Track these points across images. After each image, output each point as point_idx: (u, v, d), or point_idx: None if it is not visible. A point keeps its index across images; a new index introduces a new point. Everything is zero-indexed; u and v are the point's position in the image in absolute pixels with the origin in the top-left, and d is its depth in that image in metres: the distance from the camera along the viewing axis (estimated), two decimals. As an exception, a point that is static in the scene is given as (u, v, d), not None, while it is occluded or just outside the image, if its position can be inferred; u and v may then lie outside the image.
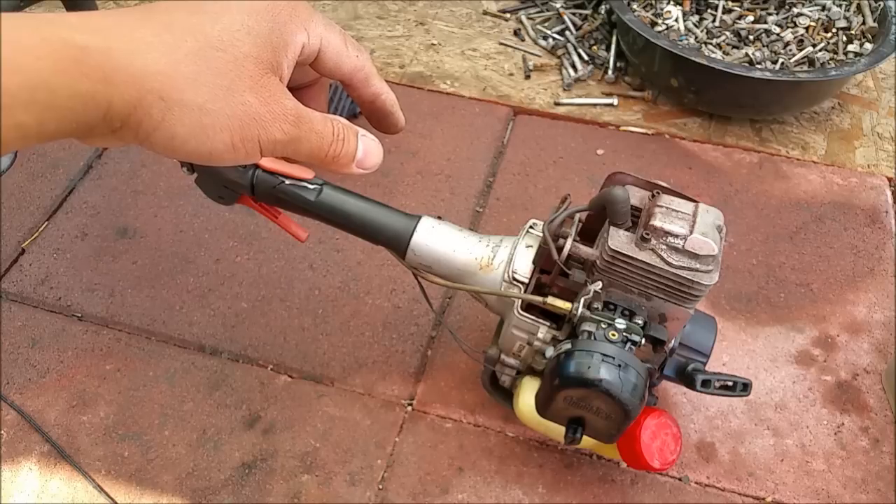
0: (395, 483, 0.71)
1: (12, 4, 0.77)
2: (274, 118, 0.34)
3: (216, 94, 0.32)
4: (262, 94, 0.33)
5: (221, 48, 0.32)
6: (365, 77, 0.40)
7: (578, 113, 1.06)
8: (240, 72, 0.33)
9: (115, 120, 0.31)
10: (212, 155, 0.33)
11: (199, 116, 0.32)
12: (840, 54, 1.03)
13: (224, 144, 0.33)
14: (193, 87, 0.32)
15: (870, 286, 0.86)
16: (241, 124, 0.33)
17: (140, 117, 0.31)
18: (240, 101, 0.33)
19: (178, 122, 0.32)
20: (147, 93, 0.30)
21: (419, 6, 1.23)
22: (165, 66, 0.31)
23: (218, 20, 0.33)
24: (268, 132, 0.34)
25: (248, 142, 0.34)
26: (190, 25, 0.32)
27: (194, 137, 0.32)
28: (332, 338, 0.81)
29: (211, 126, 0.32)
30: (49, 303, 0.84)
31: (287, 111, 0.34)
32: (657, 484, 0.71)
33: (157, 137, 0.32)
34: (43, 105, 0.28)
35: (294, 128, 0.35)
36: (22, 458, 0.72)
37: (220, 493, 0.70)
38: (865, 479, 0.72)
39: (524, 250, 0.62)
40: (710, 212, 0.56)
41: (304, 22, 0.36)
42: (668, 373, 0.65)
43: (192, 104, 0.32)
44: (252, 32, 0.33)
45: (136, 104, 0.30)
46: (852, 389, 0.78)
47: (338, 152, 0.37)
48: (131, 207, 0.93)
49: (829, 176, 0.98)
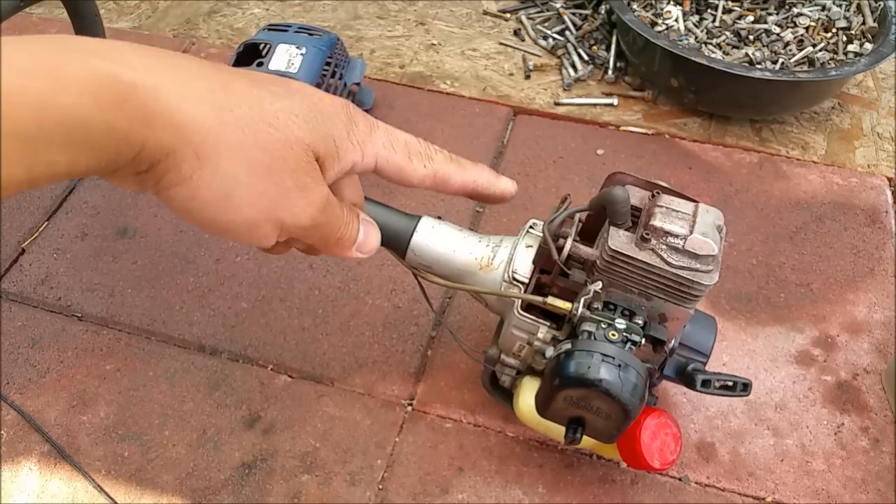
0: (395, 483, 0.71)
1: (12, 4, 0.77)
2: (308, 204, 0.33)
3: (254, 169, 0.31)
4: (301, 178, 0.32)
5: (275, 125, 0.31)
6: (443, 180, 0.38)
7: (578, 113, 1.06)
8: (286, 153, 0.31)
9: (144, 163, 0.29)
10: (227, 228, 0.32)
11: (229, 186, 0.30)
12: (840, 54, 1.03)
13: (245, 220, 0.32)
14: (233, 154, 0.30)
15: (870, 286, 0.86)
16: (269, 203, 0.31)
17: (168, 167, 0.29)
18: (275, 182, 0.31)
19: (204, 185, 0.30)
20: (185, 144, 0.29)
21: (419, 6, 1.24)
22: (212, 124, 0.29)
23: (279, 100, 0.32)
24: (295, 217, 0.33)
25: (270, 223, 0.32)
26: (250, 95, 0.31)
27: (215, 205, 0.31)
28: (332, 338, 0.81)
29: (238, 198, 0.31)
30: (49, 303, 0.84)
31: (321, 198, 0.33)
32: (657, 484, 0.71)
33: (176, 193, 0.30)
34: (77, 143, 0.27)
35: (322, 214, 0.34)
36: (22, 458, 0.72)
37: (220, 493, 0.70)
38: (865, 479, 0.72)
39: (524, 250, 0.62)
40: (710, 212, 0.56)
41: (361, 142, 0.34)
42: (668, 373, 0.65)
43: (226, 171, 0.30)
44: (310, 122, 0.32)
45: (170, 153, 0.29)
46: (852, 389, 0.78)
47: (343, 236, 0.36)
48: (131, 207, 0.93)
49: (829, 176, 0.98)
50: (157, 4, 1.25)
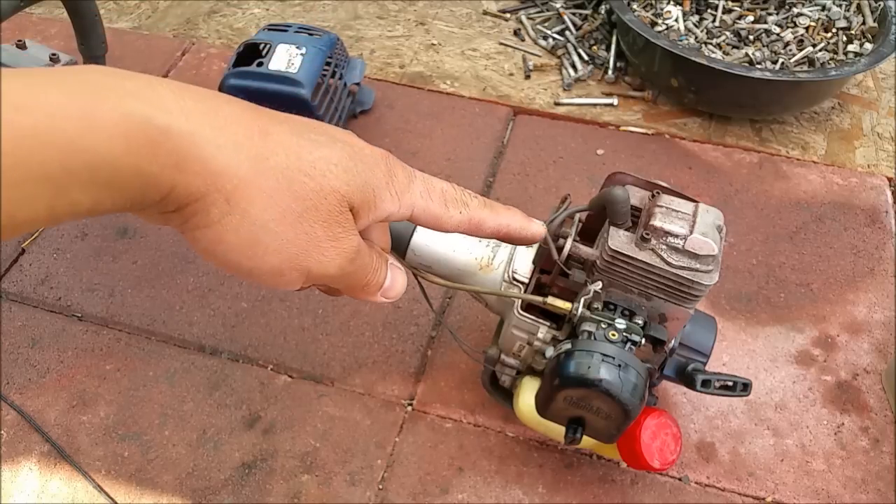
0: (395, 483, 0.71)
1: (12, 4, 0.77)
2: (337, 253, 0.33)
3: (285, 217, 0.30)
4: (333, 228, 0.32)
5: (310, 175, 0.31)
6: (477, 225, 0.38)
7: (578, 113, 1.06)
8: (319, 202, 0.31)
9: (171, 205, 0.29)
10: (252, 273, 0.32)
11: (257, 232, 0.30)
12: (840, 54, 1.03)
13: (270, 267, 0.31)
14: (266, 202, 0.30)
15: (870, 286, 0.86)
16: (297, 252, 0.31)
17: (196, 210, 0.29)
18: (305, 231, 0.31)
19: (232, 230, 0.30)
20: (216, 190, 0.29)
21: (419, 6, 1.24)
22: (246, 172, 0.29)
23: (317, 149, 0.31)
24: (323, 266, 0.33)
25: (296, 271, 0.32)
26: (288, 143, 0.31)
27: (241, 251, 0.31)
28: (332, 338, 0.81)
29: (265, 245, 0.31)
30: (49, 303, 0.84)
31: (351, 248, 0.33)
32: (657, 484, 0.71)
33: (203, 235, 0.30)
34: (102, 185, 0.26)
35: (350, 265, 0.34)
36: (22, 458, 0.72)
37: (220, 493, 0.70)
38: (865, 479, 0.72)
39: (524, 250, 0.62)
40: (710, 212, 0.56)
41: (400, 193, 0.35)
42: (668, 373, 0.65)
43: (255, 218, 0.30)
44: (347, 172, 0.32)
45: (200, 197, 0.29)
46: (852, 389, 0.78)
47: (370, 282, 0.37)
48: (131, 207, 0.93)
49: (829, 176, 0.98)
50: (157, 4, 1.25)
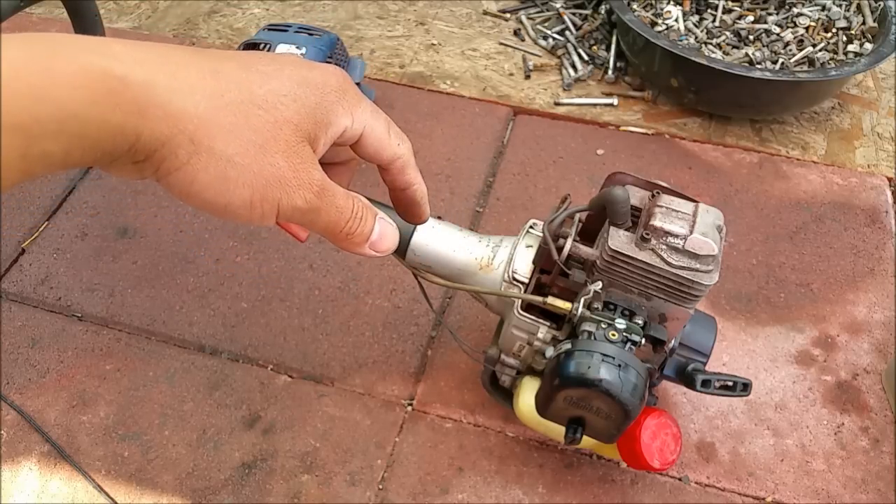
0: (395, 483, 0.71)
1: (13, 5, 0.77)
2: (299, 185, 0.34)
3: (247, 150, 0.32)
4: (292, 159, 0.33)
5: (264, 108, 0.32)
6: (402, 166, 0.40)
7: (578, 113, 1.06)
8: (276, 134, 0.33)
9: (140, 153, 0.30)
10: (227, 209, 0.33)
11: (224, 167, 0.32)
12: (840, 54, 1.03)
13: (242, 200, 0.33)
14: (227, 137, 0.31)
15: (870, 286, 0.86)
16: (265, 184, 0.33)
17: (165, 155, 0.31)
18: (269, 162, 0.33)
19: (201, 169, 0.31)
20: (179, 132, 0.30)
21: (419, 6, 1.24)
22: (204, 111, 0.31)
23: (267, 81, 0.33)
24: (290, 197, 0.34)
25: (267, 203, 0.33)
26: (238, 79, 0.32)
27: (214, 187, 0.32)
28: (332, 338, 0.81)
29: (234, 179, 0.32)
30: (49, 303, 0.84)
31: (313, 180, 0.34)
32: (657, 484, 0.71)
33: (176, 178, 0.32)
34: (71, 135, 0.28)
35: (316, 198, 0.35)
36: (22, 458, 0.72)
37: (220, 492, 0.70)
38: (865, 479, 0.72)
39: (524, 250, 0.62)
40: (710, 212, 0.56)
41: (352, 107, 0.36)
42: (668, 373, 0.65)
43: (220, 154, 0.31)
44: (298, 101, 0.33)
45: (165, 141, 0.30)
46: (852, 389, 0.78)
47: (353, 230, 0.37)
48: (131, 207, 0.93)
49: (829, 176, 0.98)
50: (157, 4, 1.25)
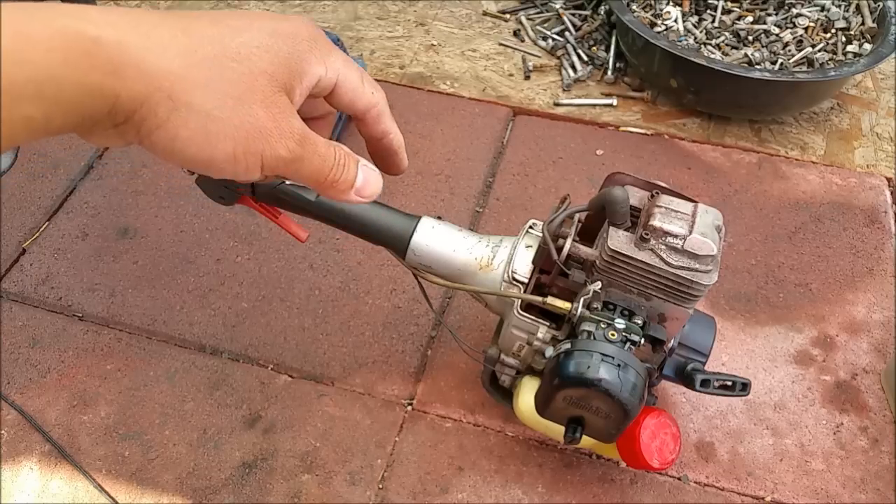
0: (395, 482, 0.71)
1: (13, 5, 0.77)
2: (280, 135, 0.34)
3: (225, 103, 0.32)
4: (271, 109, 0.33)
5: (238, 60, 0.32)
6: (377, 115, 0.40)
7: (578, 113, 1.06)
8: (252, 85, 0.33)
9: (120, 115, 0.30)
10: (211, 163, 0.33)
11: (204, 122, 0.32)
12: (839, 55, 1.03)
13: (225, 154, 0.33)
14: (204, 92, 0.31)
15: (869, 286, 0.86)
16: (246, 136, 0.33)
17: (145, 114, 0.31)
18: (248, 113, 0.33)
19: (182, 125, 0.31)
20: (156, 90, 0.30)
21: (419, 7, 1.24)
22: (179, 67, 0.31)
23: (239, 34, 0.33)
24: (272, 148, 0.34)
25: (251, 155, 0.34)
26: (210, 34, 0.32)
27: (196, 143, 0.32)
28: (332, 338, 0.81)
29: (215, 133, 0.32)
30: (50, 303, 0.84)
31: (294, 130, 0.34)
32: (656, 483, 0.71)
33: (158, 137, 0.32)
34: (50, 98, 0.28)
35: (298, 147, 0.35)
36: (22, 458, 0.73)
37: (221, 492, 0.70)
38: (864, 479, 0.72)
39: (524, 250, 0.62)
40: (710, 212, 0.56)
41: (324, 56, 0.36)
42: (668, 372, 0.65)
43: (199, 109, 0.31)
44: (271, 51, 0.34)
45: (144, 100, 0.30)
46: (851, 389, 0.78)
47: (337, 177, 0.37)
48: (132, 207, 0.93)
49: (828, 176, 0.98)
50: (158, 5, 1.25)
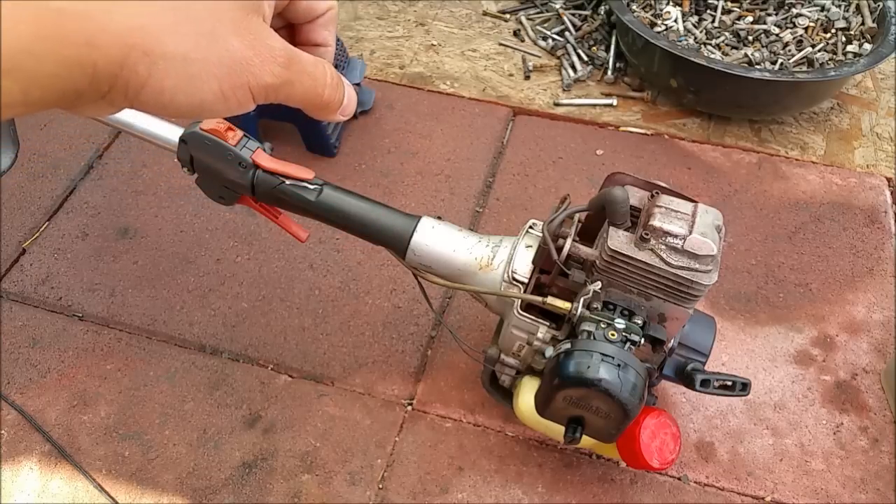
0: (395, 482, 0.71)
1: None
2: (263, 61, 0.33)
3: (199, 43, 0.31)
4: (246, 37, 0.32)
5: None
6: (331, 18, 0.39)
7: (578, 113, 1.06)
8: (220, 16, 0.32)
9: (103, 83, 0.30)
10: (203, 106, 0.32)
11: (184, 67, 0.31)
12: (839, 55, 1.03)
13: (213, 94, 0.32)
14: (174, 37, 0.31)
15: (869, 286, 0.86)
16: (228, 71, 0.32)
17: (127, 77, 0.30)
18: (224, 47, 0.32)
19: (164, 76, 0.31)
20: (130, 49, 0.30)
21: (419, 7, 1.24)
22: (144, 20, 0.30)
23: None
24: (257, 77, 0.33)
25: (239, 89, 0.33)
26: None
27: (182, 90, 0.31)
28: (332, 338, 0.81)
29: (198, 76, 0.31)
30: (50, 303, 0.84)
31: (276, 53, 0.33)
32: (656, 483, 0.71)
33: (146, 95, 0.31)
34: (28, 73, 0.28)
35: (285, 70, 0.34)
36: (22, 458, 0.73)
37: (221, 492, 0.70)
38: (864, 479, 0.72)
39: (524, 250, 0.62)
40: (710, 212, 0.56)
41: None
42: (668, 372, 0.65)
43: (175, 55, 0.31)
44: None
45: (122, 63, 0.30)
46: (851, 389, 0.78)
47: (333, 98, 0.36)
48: (132, 207, 0.93)
49: (828, 176, 0.98)
50: (158, 5, 1.25)
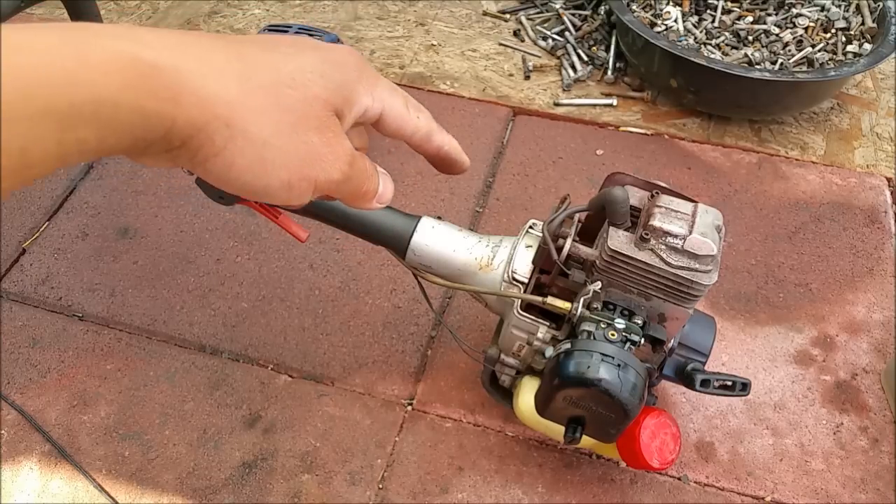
0: (395, 482, 0.71)
1: (13, 5, 0.77)
2: (335, 158, 0.34)
3: (281, 130, 0.32)
4: (325, 134, 0.34)
5: (293, 86, 0.33)
6: (426, 135, 0.41)
7: (578, 113, 1.06)
8: (307, 111, 0.33)
9: (175, 140, 0.30)
10: (266, 191, 0.33)
11: (261, 150, 0.32)
12: (839, 55, 1.03)
13: (280, 181, 0.33)
14: (260, 119, 0.32)
15: (869, 286, 0.86)
16: (301, 163, 0.33)
17: (202, 141, 0.31)
18: (303, 140, 0.33)
19: (238, 153, 0.31)
20: (214, 118, 0.30)
21: (419, 7, 1.24)
22: (236, 95, 0.31)
23: (292, 60, 0.33)
24: (327, 172, 0.34)
25: (304, 181, 0.34)
26: (264, 60, 0.33)
27: (251, 171, 0.32)
28: (332, 338, 0.81)
29: (271, 161, 0.32)
30: (50, 303, 0.84)
31: (346, 152, 0.35)
32: (656, 483, 0.71)
33: (214, 164, 0.32)
34: (106, 120, 0.28)
35: (350, 168, 0.35)
36: (23, 458, 0.73)
37: (221, 492, 0.70)
38: (864, 479, 0.72)
39: (524, 250, 0.62)
40: (710, 212, 0.56)
41: (371, 86, 0.36)
42: (668, 372, 0.65)
43: (256, 137, 0.32)
44: (325, 76, 0.34)
45: (201, 127, 0.30)
46: (851, 389, 0.78)
47: (368, 189, 0.38)
48: (132, 207, 0.93)
49: (828, 176, 0.98)
50: (158, 5, 1.25)
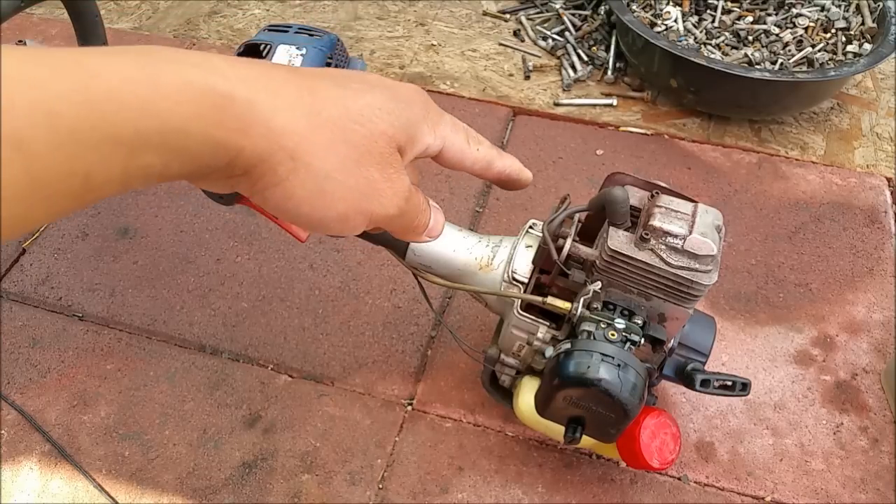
0: (395, 482, 0.71)
1: (13, 5, 0.77)
2: (394, 194, 0.35)
3: (345, 165, 0.33)
4: (386, 170, 0.34)
5: (359, 122, 0.33)
6: (486, 165, 0.42)
7: (578, 113, 1.06)
8: (371, 147, 0.34)
9: (238, 168, 0.31)
10: (321, 223, 0.34)
11: (321, 183, 0.32)
12: (839, 55, 1.04)
13: (337, 214, 0.34)
14: (325, 153, 0.32)
15: (869, 286, 0.86)
16: (359, 197, 0.34)
17: (264, 171, 0.31)
18: (364, 175, 0.34)
19: (299, 185, 0.32)
20: (279, 149, 0.31)
21: (419, 7, 1.24)
22: (303, 128, 0.31)
23: (361, 97, 0.34)
24: (384, 207, 0.35)
25: (360, 214, 0.35)
26: (334, 95, 0.33)
27: (310, 202, 0.33)
28: (332, 338, 0.81)
29: (331, 194, 0.33)
30: (50, 302, 0.84)
31: (404, 188, 0.36)
32: (656, 483, 0.71)
33: (273, 194, 0.32)
34: (173, 148, 0.28)
35: (406, 203, 0.36)
36: (22, 458, 0.73)
37: (221, 492, 0.70)
38: (864, 479, 0.72)
39: (524, 250, 0.62)
40: (710, 212, 0.56)
41: (434, 124, 0.37)
42: (668, 372, 0.65)
43: (318, 170, 0.32)
44: (392, 114, 0.35)
45: (265, 158, 0.31)
46: (851, 389, 0.78)
47: (419, 223, 0.39)
48: (132, 207, 0.93)
49: (828, 176, 0.98)
50: (158, 5, 1.25)
